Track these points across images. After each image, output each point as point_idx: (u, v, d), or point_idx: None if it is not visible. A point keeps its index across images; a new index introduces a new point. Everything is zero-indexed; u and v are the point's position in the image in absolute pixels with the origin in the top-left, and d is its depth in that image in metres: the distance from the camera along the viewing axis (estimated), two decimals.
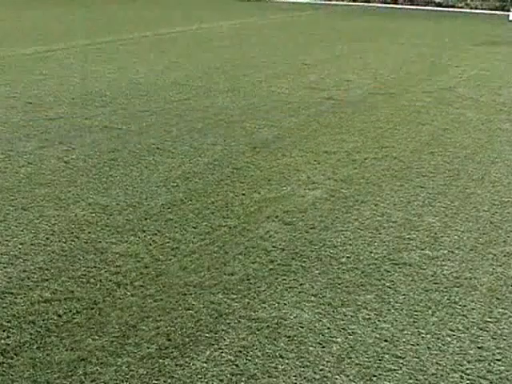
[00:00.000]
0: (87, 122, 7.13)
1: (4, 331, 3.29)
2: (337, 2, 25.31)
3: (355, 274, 3.97)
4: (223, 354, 3.16)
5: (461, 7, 24.11)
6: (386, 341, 3.31)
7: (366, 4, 24.91)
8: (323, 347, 3.25)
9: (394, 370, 3.10)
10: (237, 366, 3.09)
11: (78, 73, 9.80)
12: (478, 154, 6.42)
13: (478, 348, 3.29)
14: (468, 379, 3.06)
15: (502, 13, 22.11)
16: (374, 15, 21.36)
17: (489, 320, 3.54)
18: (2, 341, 3.21)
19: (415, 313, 3.58)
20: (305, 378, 3.02)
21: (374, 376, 3.05)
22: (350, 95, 8.91)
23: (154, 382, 2.97)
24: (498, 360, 3.20)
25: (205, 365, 3.09)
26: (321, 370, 3.07)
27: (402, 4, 24.71)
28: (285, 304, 3.62)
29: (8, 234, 4.39)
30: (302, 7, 23.18)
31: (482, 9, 23.66)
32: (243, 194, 5.18)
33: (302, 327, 3.41)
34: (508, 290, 3.86)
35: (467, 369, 3.12)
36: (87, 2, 21.52)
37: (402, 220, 4.80)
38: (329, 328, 3.41)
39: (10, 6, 19.93)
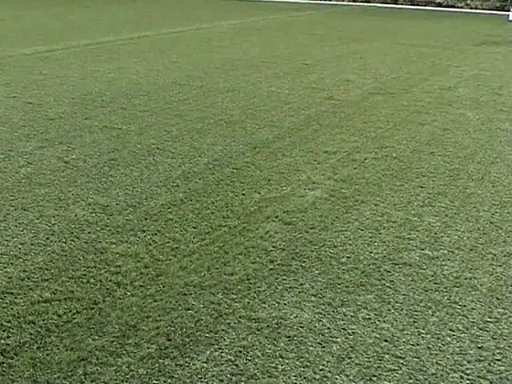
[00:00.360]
0: (87, 122, 7.13)
1: (4, 331, 3.29)
2: (337, 2, 25.31)
3: (355, 274, 3.97)
4: (223, 354, 3.17)
5: (461, 7, 24.11)
6: (386, 341, 3.31)
7: (366, 4, 24.92)
8: (323, 347, 3.25)
9: (394, 369, 3.10)
10: (237, 365, 3.09)
11: (78, 73, 9.81)
12: (478, 154, 6.42)
13: (478, 348, 3.29)
14: (468, 379, 3.06)
15: (502, 13, 22.11)
16: (374, 15, 21.36)
17: (489, 320, 3.54)
18: (2, 341, 3.21)
19: (415, 313, 3.58)
20: (305, 377, 3.03)
21: (374, 376, 3.05)
22: (350, 95, 8.90)
23: (153, 382, 2.97)
24: (497, 360, 3.20)
25: (205, 365, 3.09)
26: (321, 370, 3.08)
27: (402, 4, 24.72)
28: (285, 304, 3.62)
29: (8, 233, 4.39)
30: (302, 7, 23.18)
31: (482, 9, 23.66)
32: (243, 194, 5.18)
33: (302, 327, 3.41)
34: (508, 290, 3.86)
35: (467, 369, 3.12)
36: (87, 2, 21.53)
37: (402, 220, 4.81)
38: (329, 328, 3.41)
39: (10, 6, 19.94)
